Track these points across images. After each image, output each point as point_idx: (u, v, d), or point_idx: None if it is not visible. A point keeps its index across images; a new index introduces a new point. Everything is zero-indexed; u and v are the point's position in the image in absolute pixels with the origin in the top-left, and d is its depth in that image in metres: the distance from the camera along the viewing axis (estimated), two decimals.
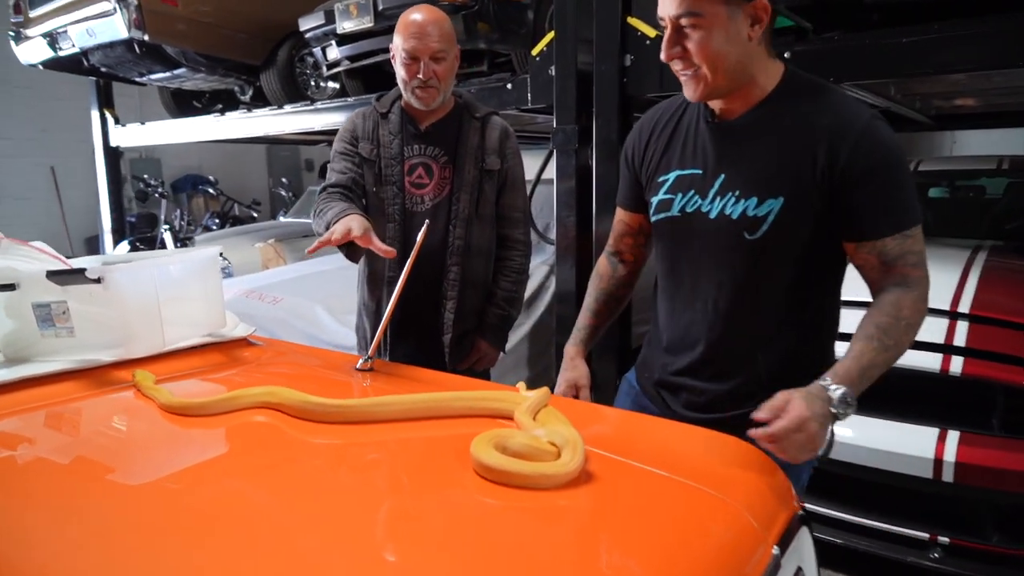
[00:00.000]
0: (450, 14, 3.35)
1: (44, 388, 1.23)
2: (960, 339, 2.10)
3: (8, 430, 1.14)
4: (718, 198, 1.22)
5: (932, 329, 2.15)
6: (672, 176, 1.29)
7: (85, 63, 4.74)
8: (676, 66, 1.19)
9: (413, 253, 1.39)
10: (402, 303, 1.73)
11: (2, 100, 7.67)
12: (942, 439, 2.03)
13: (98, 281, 1.21)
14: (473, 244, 1.93)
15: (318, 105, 4.32)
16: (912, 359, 2.12)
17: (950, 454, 1.99)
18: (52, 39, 4.55)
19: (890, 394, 2.20)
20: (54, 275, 1.23)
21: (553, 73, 2.97)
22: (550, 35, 3.00)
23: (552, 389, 1.28)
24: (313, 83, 4.75)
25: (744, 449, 1.06)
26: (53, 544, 0.76)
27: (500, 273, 2.02)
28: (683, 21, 1.13)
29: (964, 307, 2.19)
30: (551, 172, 3.20)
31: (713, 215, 1.23)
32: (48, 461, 1.04)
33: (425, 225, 1.46)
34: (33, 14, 4.63)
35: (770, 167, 1.18)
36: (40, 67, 5.02)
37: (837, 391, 1.05)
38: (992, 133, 5.16)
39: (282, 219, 6.53)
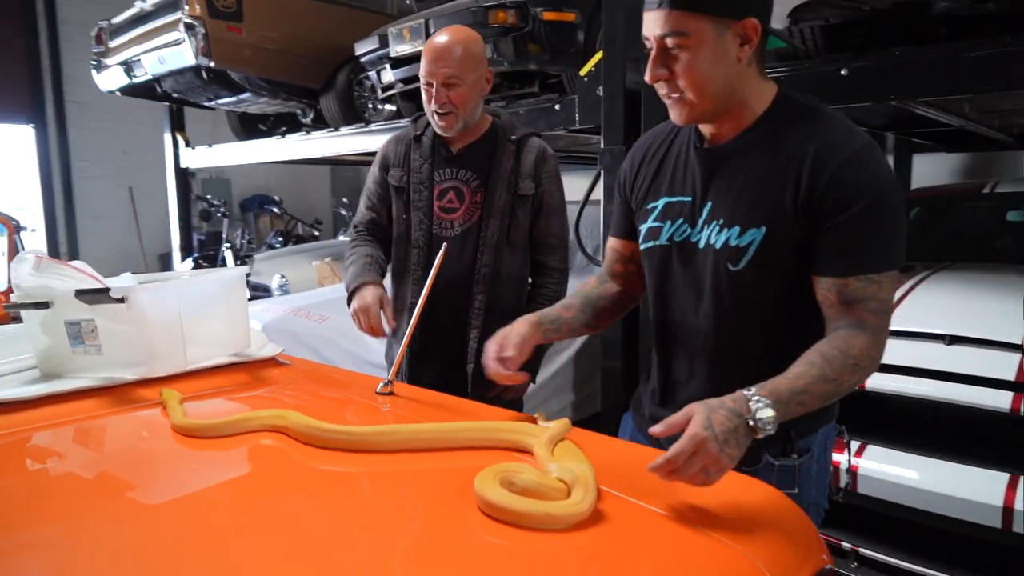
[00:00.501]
0: (500, 36, 3.42)
1: (70, 404, 1.27)
2: None
3: (33, 444, 1.17)
4: (706, 227, 1.17)
5: (1002, 364, 1.99)
6: (661, 203, 1.24)
7: (158, 89, 5.00)
8: (661, 89, 1.12)
9: (430, 278, 1.37)
10: (426, 329, 1.77)
11: (86, 125, 8.17)
12: (1013, 486, 1.86)
13: (122, 300, 1.24)
14: (503, 272, 1.86)
15: (372, 127, 4.42)
16: (979, 397, 1.96)
17: (1022, 503, 1.82)
18: (128, 67, 4.83)
19: (956, 434, 2.05)
20: (81, 294, 1.26)
21: (601, 93, 2.94)
22: (598, 55, 2.97)
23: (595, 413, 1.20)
24: (370, 106, 4.87)
25: (769, 494, 0.99)
26: (61, 557, 0.77)
27: (534, 301, 1.91)
28: (668, 41, 1.06)
29: None
30: (599, 193, 3.15)
31: (702, 244, 1.17)
32: (66, 476, 1.06)
33: (443, 249, 1.44)
34: (112, 44, 4.92)
35: (754, 195, 1.11)
36: (118, 93, 5.32)
37: (759, 404, 0.94)
38: None
39: (342, 238, 6.69)
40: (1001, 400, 1.92)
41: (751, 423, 0.93)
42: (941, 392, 2.01)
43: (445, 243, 1.55)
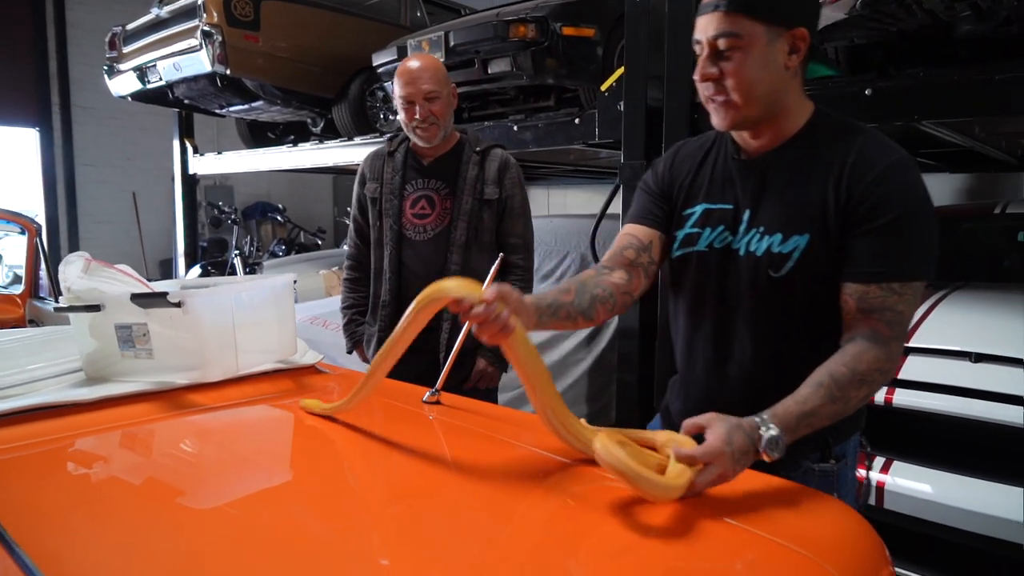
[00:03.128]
0: (520, 50, 3.45)
1: (122, 408, 1.26)
2: None
3: (85, 448, 1.16)
4: (746, 235, 1.18)
5: None
6: (699, 209, 1.24)
7: (170, 95, 5.00)
8: (707, 91, 1.14)
9: (487, 282, 1.37)
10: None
11: (92, 129, 8.15)
12: None
13: (178, 305, 1.24)
14: (472, 270, 2.02)
15: (386, 137, 4.42)
16: (1007, 413, 1.98)
17: None
18: (142, 73, 4.83)
19: (982, 451, 2.07)
20: (138, 298, 1.26)
21: (622, 108, 2.96)
22: (620, 71, 3.00)
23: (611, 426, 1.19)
24: (382, 116, 4.88)
25: (837, 508, 1.00)
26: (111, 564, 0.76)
27: None
28: (721, 43, 1.09)
29: None
30: (616, 208, 3.17)
31: (742, 252, 1.18)
32: (119, 481, 1.05)
33: (499, 258, 1.45)
34: (126, 50, 4.92)
35: (796, 204, 1.14)
36: (129, 99, 5.31)
37: (769, 432, 0.97)
38: None
39: (345, 247, 6.67)
40: None
41: (759, 449, 0.97)
42: (967, 409, 2.02)
43: (502, 253, 1.60)
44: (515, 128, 3.46)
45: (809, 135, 1.16)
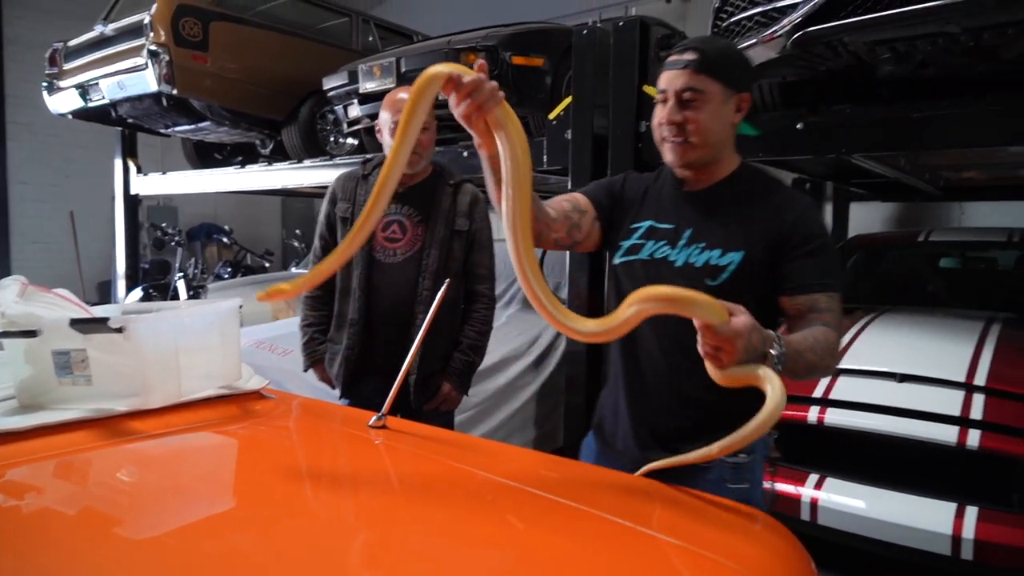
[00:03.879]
0: None
1: (58, 436, 1.22)
2: (977, 412, 2.07)
3: (17, 479, 1.13)
4: (685, 250, 1.37)
5: (948, 401, 2.13)
6: (645, 224, 1.44)
7: (113, 114, 4.89)
8: (667, 132, 1.34)
9: (433, 307, 1.39)
10: (370, 343, 2.11)
11: (29, 147, 7.88)
12: (960, 515, 1.98)
13: (120, 331, 1.22)
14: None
15: (336, 160, 4.42)
16: (928, 431, 2.09)
17: (968, 531, 1.93)
18: (84, 90, 4.71)
19: (906, 466, 2.17)
20: (77, 323, 1.23)
21: (569, 136, 3.04)
22: (568, 100, 3.08)
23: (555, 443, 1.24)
24: (332, 139, 4.87)
25: (765, 522, 1.04)
26: None
27: (467, 323, 2.21)
28: (686, 95, 1.30)
29: (980, 379, 2.17)
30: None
31: (679, 264, 1.37)
32: (53, 512, 1.02)
33: (445, 284, 1.48)
34: (67, 66, 4.80)
35: (732, 229, 1.35)
36: (70, 116, 5.17)
37: (779, 349, 1.12)
38: (1001, 205, 5.20)
39: (294, 270, 6.58)
40: (948, 434, 2.05)
41: (766, 354, 1.10)
42: (895, 427, 2.13)
43: (448, 279, 1.63)
44: (465, 154, 3.51)
45: (738, 179, 1.41)
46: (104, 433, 1.25)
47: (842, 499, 2.15)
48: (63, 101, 4.96)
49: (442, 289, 1.39)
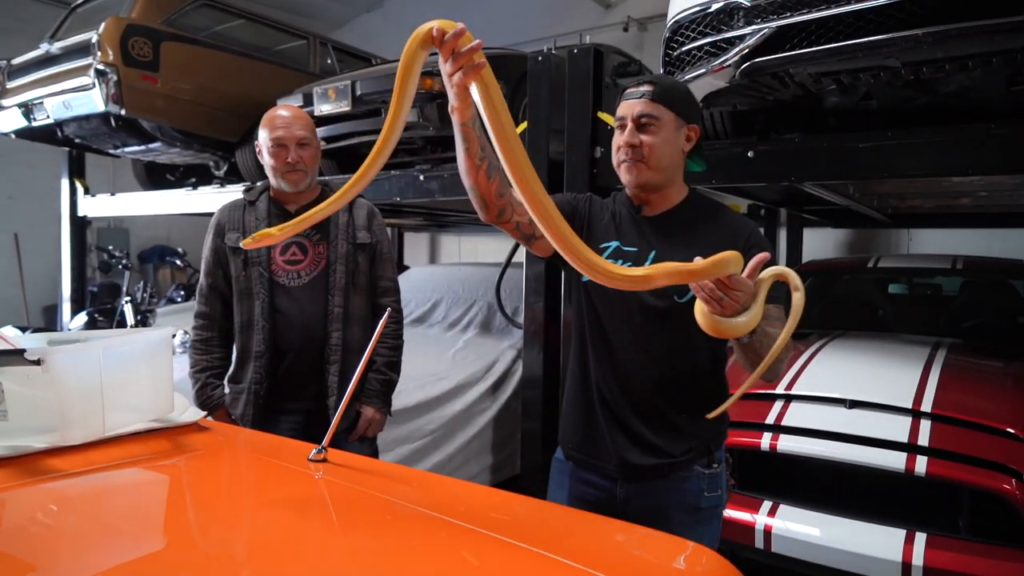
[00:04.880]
0: (427, 102, 3.50)
1: None
2: (924, 438, 2.09)
3: None
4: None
5: (895, 427, 2.15)
6: (613, 245, 1.53)
7: (59, 134, 4.75)
8: (626, 156, 1.47)
9: (374, 337, 1.35)
10: (282, 378, 2.05)
11: None
12: (910, 541, 1.99)
13: (38, 363, 1.15)
14: (351, 312, 2.10)
15: (242, 187, 4.35)
16: (877, 457, 2.11)
17: (918, 558, 1.95)
18: (27, 110, 4.57)
19: (856, 492, 2.19)
20: None
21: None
22: (523, 125, 3.09)
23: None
24: None
25: (706, 556, 1.02)
26: None
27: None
28: (643, 120, 1.45)
29: (927, 406, 2.20)
30: (520, 256, 3.23)
31: None
32: None
33: (387, 313, 1.45)
34: (10, 85, 4.66)
35: (693, 248, 1.40)
36: (12, 136, 5.01)
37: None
38: (947, 232, 5.38)
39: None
40: (896, 460, 2.07)
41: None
42: (845, 453, 2.15)
43: (389, 308, 1.60)
44: (421, 178, 3.49)
45: (690, 205, 1.55)
46: (19, 472, 1.17)
47: (795, 526, 2.15)
48: (6, 120, 4.80)
49: (383, 318, 1.35)
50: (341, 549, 1.01)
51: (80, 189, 5.53)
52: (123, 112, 4.11)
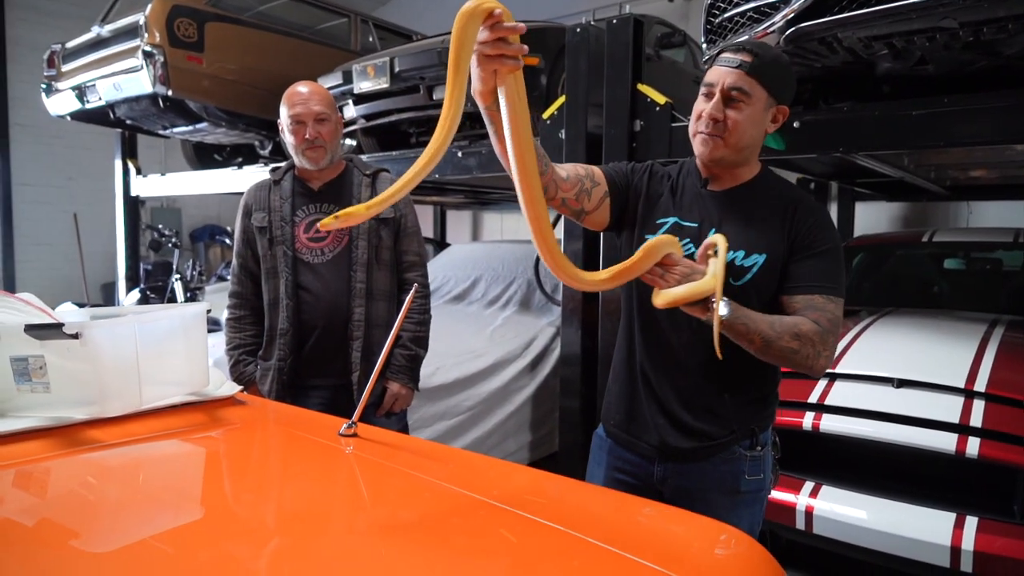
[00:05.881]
0: None
1: (14, 445, 1.19)
2: (976, 419, 2.00)
3: None
4: None
5: (946, 407, 2.06)
6: (671, 221, 1.47)
7: (111, 115, 4.88)
8: (705, 126, 1.37)
9: (401, 315, 1.35)
10: (308, 353, 2.06)
11: (32, 149, 7.90)
12: (959, 526, 1.92)
13: (76, 336, 1.19)
14: (375, 288, 2.09)
15: (270, 168, 4.39)
16: (926, 438, 2.03)
17: (968, 543, 1.87)
18: (81, 92, 4.70)
19: (904, 475, 2.11)
20: (32, 329, 1.20)
21: (563, 136, 2.99)
22: (561, 99, 3.03)
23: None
24: None
25: (738, 538, 0.99)
26: None
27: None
28: (734, 94, 1.34)
29: (980, 385, 2.10)
30: (560, 233, 3.19)
31: None
32: (10, 523, 0.99)
33: (413, 289, 1.44)
34: (65, 68, 4.79)
35: (754, 230, 1.41)
36: (68, 118, 5.17)
37: (725, 301, 1.23)
38: (1010, 205, 5.11)
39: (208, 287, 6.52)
40: (947, 442, 1.99)
41: (721, 305, 1.21)
42: (892, 434, 2.07)
43: (416, 283, 1.59)
44: (459, 155, 3.47)
45: (759, 184, 1.46)
46: (62, 442, 1.21)
47: (838, 508, 2.09)
48: (61, 103, 4.96)
49: (410, 294, 1.35)
50: (371, 523, 1.01)
51: (132, 170, 5.69)
52: (170, 93, 4.19)
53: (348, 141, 4.75)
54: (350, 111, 4.03)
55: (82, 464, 1.19)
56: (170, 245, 5.86)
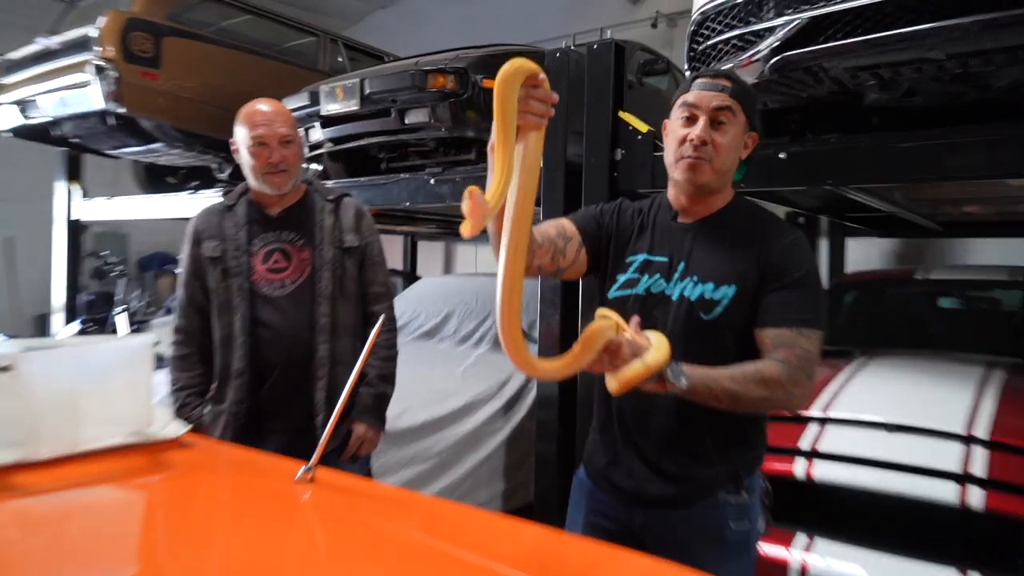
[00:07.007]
0: (439, 101, 3.51)
1: None
2: (979, 468, 2.02)
3: None
4: (679, 283, 1.46)
5: (946, 454, 2.08)
6: (640, 258, 1.52)
7: (55, 133, 4.85)
8: (690, 151, 1.42)
9: (366, 349, 1.33)
10: (265, 395, 2.00)
11: None
12: None
13: (6, 369, 1.16)
14: (339, 322, 2.05)
15: (221, 192, 4.39)
16: (927, 488, 2.04)
17: None
18: (23, 106, 4.67)
19: (905, 528, 2.12)
20: None
21: (542, 164, 3.02)
22: None
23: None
24: None
25: None
26: None
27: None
28: (721, 115, 1.41)
29: (981, 431, 2.13)
30: None
31: (674, 298, 1.46)
32: None
33: (380, 321, 1.43)
34: (6, 81, 4.76)
35: (724, 262, 1.44)
36: (9, 134, 5.12)
37: (679, 371, 1.26)
38: (1006, 242, 5.25)
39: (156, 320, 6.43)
40: (948, 492, 2.00)
41: (668, 372, 1.24)
42: (889, 484, 2.08)
43: (382, 316, 1.58)
44: (432, 182, 3.49)
45: (731, 212, 1.51)
46: None
47: (834, 563, 2.08)
48: (2, 117, 4.91)
49: (376, 327, 1.34)
50: None
51: (76, 192, 5.61)
52: (122, 110, 4.17)
53: (314, 166, 4.77)
54: (316, 134, 4.04)
55: (5, 514, 1.15)
56: (115, 274, 5.76)
